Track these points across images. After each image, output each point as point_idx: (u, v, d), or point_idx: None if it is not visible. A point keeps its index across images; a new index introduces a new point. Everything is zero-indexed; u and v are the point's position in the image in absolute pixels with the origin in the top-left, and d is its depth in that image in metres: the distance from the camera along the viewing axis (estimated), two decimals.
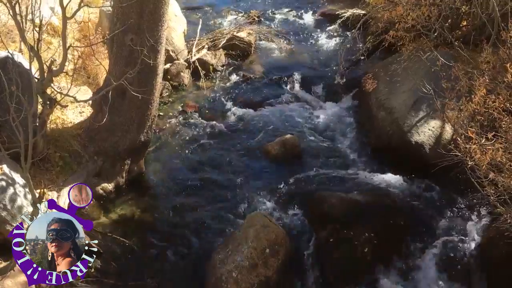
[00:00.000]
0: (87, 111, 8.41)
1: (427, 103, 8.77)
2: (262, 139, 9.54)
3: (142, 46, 6.85)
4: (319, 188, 8.31)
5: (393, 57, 10.51)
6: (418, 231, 7.58)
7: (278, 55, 12.33)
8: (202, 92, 10.89)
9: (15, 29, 7.55)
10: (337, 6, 13.73)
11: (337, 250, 7.13)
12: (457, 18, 10.28)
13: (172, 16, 11.24)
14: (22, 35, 6.09)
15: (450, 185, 8.16)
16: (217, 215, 7.83)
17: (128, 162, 8.04)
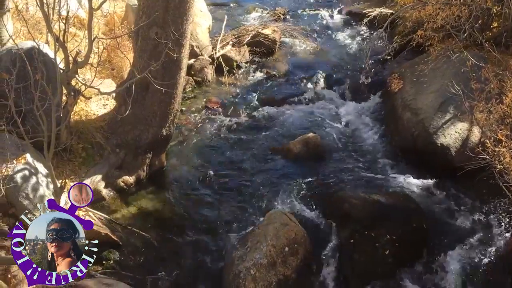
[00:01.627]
0: (111, 104, 8.46)
1: (454, 105, 8.58)
2: (284, 137, 9.47)
3: (166, 39, 6.85)
4: (340, 188, 8.21)
5: (420, 58, 10.33)
6: (441, 235, 7.42)
7: (303, 53, 12.24)
8: (225, 88, 10.87)
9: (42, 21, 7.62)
10: (364, 5, 13.59)
11: (357, 251, 7.00)
12: (488, 19, 10.06)
13: (197, 11, 11.25)
14: (48, 25, 6.13)
15: (476, 189, 7.97)
16: (236, 212, 7.78)
17: (150, 156, 8.05)
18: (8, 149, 6.20)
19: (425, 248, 7.20)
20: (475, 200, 7.95)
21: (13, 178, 6.21)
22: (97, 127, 7.83)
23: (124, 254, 6.82)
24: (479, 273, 6.96)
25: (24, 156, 6.49)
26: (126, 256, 6.81)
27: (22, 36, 8.59)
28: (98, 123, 7.91)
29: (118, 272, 6.50)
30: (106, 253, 6.68)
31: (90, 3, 6.22)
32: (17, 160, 6.42)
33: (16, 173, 6.27)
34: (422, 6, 10.00)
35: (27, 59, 5.72)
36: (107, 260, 6.62)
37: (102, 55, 8.54)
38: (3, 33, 8.21)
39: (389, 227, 7.15)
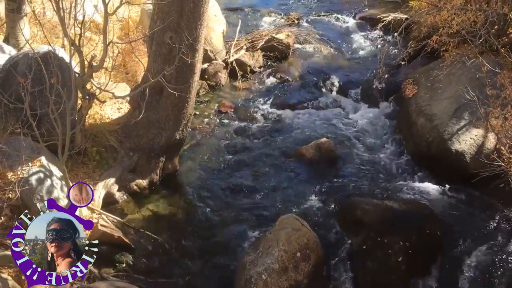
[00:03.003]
0: (125, 108, 8.52)
1: (469, 111, 8.50)
2: (297, 142, 9.45)
3: (180, 44, 6.89)
4: (353, 194, 8.17)
5: (435, 63, 10.25)
6: (455, 242, 7.33)
7: (316, 58, 12.22)
8: (238, 92, 10.89)
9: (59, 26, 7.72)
10: (379, 10, 13.53)
11: (370, 258, 6.94)
12: (504, 25, 9.96)
13: (211, 16, 11.30)
14: (64, 30, 6.21)
15: (491, 196, 7.87)
16: (248, 216, 7.77)
17: (163, 160, 8.09)
18: (24, 152, 6.27)
19: (440, 256, 7.11)
20: (490, 207, 7.84)
21: (28, 181, 6.27)
22: (111, 130, 7.89)
23: (136, 257, 6.84)
24: (495, 281, 6.83)
25: (39, 159, 6.56)
26: (138, 259, 6.83)
27: (39, 40, 8.72)
28: (112, 127, 7.97)
29: (130, 275, 6.51)
30: (119, 256, 6.70)
31: (106, 8, 6.28)
32: (32, 163, 6.49)
33: (31, 176, 6.34)
34: (437, 11, 9.94)
35: (43, 63, 5.79)
36: (119, 263, 6.64)
37: (117, 59, 8.65)
38: (19, 37, 8.35)
39: (402, 234, 7.07)
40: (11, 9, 8.26)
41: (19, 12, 8.31)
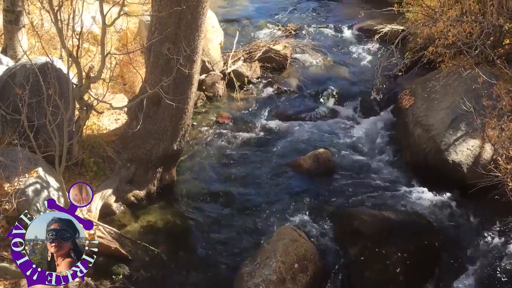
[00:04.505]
0: (123, 119, 8.53)
1: (466, 122, 8.53)
2: (295, 152, 9.45)
3: (178, 55, 6.91)
4: (350, 204, 8.16)
5: (431, 74, 10.31)
6: (453, 253, 7.32)
7: (314, 69, 12.27)
8: (236, 103, 10.91)
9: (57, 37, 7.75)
10: (375, 21, 13.59)
11: (368, 269, 6.92)
12: (500, 36, 10.03)
13: (209, 27, 11.35)
14: (62, 41, 6.23)
15: (488, 207, 7.86)
16: (246, 227, 7.75)
17: (160, 170, 8.08)
18: (21, 163, 6.25)
19: (437, 266, 7.11)
20: (488, 218, 7.84)
21: (25, 192, 6.25)
22: (109, 141, 7.88)
23: (133, 268, 6.80)
24: None
25: (36, 170, 6.55)
26: (135, 271, 6.78)
27: (37, 52, 8.74)
28: (110, 138, 7.96)
29: (127, 287, 6.48)
30: (116, 268, 6.65)
31: (104, 19, 6.31)
32: (29, 174, 6.47)
33: (28, 187, 6.32)
34: (433, 22, 10.02)
35: (40, 74, 5.81)
36: (116, 275, 6.59)
37: (115, 70, 8.66)
38: (17, 48, 8.37)
39: (400, 244, 7.07)
40: (9, 21, 8.29)
41: (17, 24, 8.34)
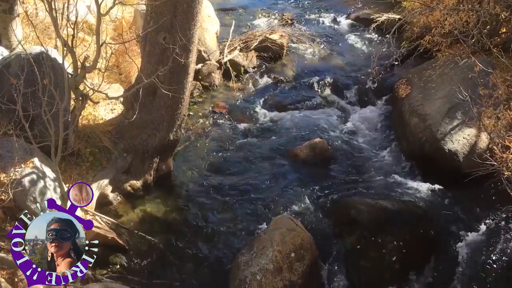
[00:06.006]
0: (119, 109, 8.50)
1: (462, 111, 8.55)
2: (291, 142, 9.46)
3: (174, 45, 6.88)
4: (347, 194, 8.19)
5: (428, 63, 10.30)
6: (448, 242, 7.37)
7: (310, 58, 12.24)
8: (232, 93, 10.88)
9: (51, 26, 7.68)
10: (372, 10, 13.57)
11: (364, 258, 6.97)
12: (496, 25, 10.01)
13: (205, 17, 11.28)
14: (57, 30, 6.17)
15: (484, 196, 7.92)
16: (242, 217, 7.77)
17: (157, 160, 8.07)
18: (16, 153, 6.23)
19: (433, 255, 7.15)
20: (483, 206, 7.88)
21: (21, 182, 6.23)
22: (105, 131, 7.86)
23: (130, 258, 6.83)
24: (487, 280, 6.88)
25: (32, 160, 6.53)
26: (132, 261, 6.81)
27: (31, 41, 8.67)
28: (106, 128, 7.94)
29: (124, 276, 6.50)
30: (113, 257, 6.69)
31: (99, 9, 6.25)
32: (25, 164, 6.45)
33: (24, 177, 6.30)
34: (430, 11, 9.96)
35: (35, 64, 5.75)
36: (113, 264, 6.63)
37: (110, 60, 8.61)
38: (12, 38, 8.29)
39: (396, 233, 7.11)
40: (3, 10, 8.20)
41: (11, 13, 8.26)
